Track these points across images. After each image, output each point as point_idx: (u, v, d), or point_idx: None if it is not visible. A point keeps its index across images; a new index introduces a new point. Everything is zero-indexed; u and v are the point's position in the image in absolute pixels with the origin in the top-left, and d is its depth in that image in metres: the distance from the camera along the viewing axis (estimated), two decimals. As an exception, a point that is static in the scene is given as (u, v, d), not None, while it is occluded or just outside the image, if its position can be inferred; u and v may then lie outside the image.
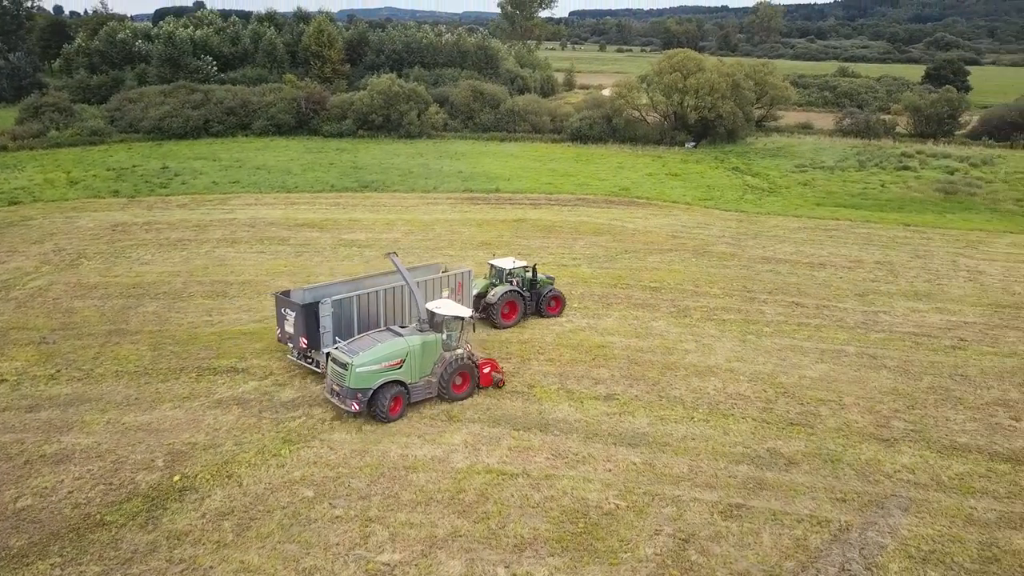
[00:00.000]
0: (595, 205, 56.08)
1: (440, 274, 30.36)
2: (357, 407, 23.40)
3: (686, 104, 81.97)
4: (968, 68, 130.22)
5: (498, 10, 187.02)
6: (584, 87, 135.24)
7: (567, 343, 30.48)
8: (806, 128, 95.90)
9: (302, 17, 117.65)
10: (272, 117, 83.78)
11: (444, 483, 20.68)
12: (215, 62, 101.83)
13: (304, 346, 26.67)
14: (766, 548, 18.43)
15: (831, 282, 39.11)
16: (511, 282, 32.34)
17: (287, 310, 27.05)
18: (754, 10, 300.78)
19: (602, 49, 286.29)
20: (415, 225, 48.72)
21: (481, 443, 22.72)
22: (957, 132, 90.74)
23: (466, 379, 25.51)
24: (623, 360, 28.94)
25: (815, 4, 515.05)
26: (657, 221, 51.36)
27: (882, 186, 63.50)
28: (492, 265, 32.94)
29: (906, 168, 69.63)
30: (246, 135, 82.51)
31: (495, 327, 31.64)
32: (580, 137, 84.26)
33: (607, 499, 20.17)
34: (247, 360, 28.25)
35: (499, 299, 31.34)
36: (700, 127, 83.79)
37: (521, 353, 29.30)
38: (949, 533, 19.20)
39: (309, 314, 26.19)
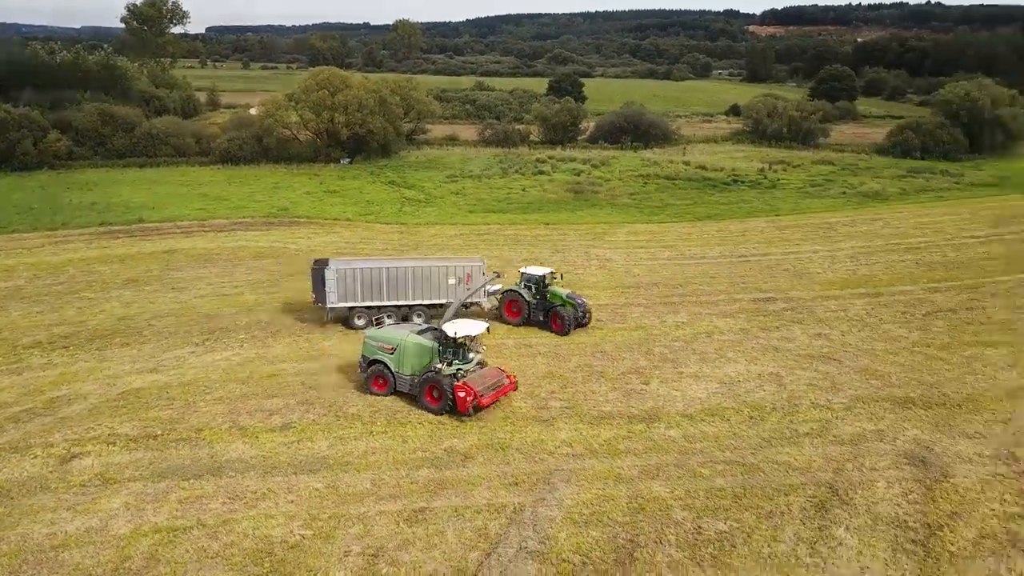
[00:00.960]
0: (254, 228, 54.04)
1: (460, 264, 35.05)
2: (360, 370, 28.10)
3: (336, 121, 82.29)
4: (583, 80, 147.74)
5: (123, 25, 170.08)
6: (231, 106, 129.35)
7: (235, 377, 29.01)
8: (453, 140, 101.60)
9: None
10: None
11: (105, 555, 18.51)
12: None
13: (313, 299, 34.18)
14: (451, 545, 19.28)
15: (488, 282, 41.96)
16: (526, 285, 35.35)
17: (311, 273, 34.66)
18: (394, 27, 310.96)
19: (246, 67, 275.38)
20: (42, 269, 42.84)
21: (145, 502, 20.70)
22: (579, 138, 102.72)
23: (442, 395, 26.13)
24: (297, 386, 28.33)
25: (450, 22, 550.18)
26: (320, 239, 50.97)
27: (523, 190, 69.68)
28: (522, 272, 36.31)
29: (541, 172, 77.27)
30: None
31: (502, 321, 35.44)
32: (230, 159, 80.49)
33: (292, 531, 19.60)
34: None
35: (500, 295, 35.88)
36: (353, 143, 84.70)
37: (184, 396, 27.26)
38: (603, 494, 21.71)
39: (317, 277, 33.54)
